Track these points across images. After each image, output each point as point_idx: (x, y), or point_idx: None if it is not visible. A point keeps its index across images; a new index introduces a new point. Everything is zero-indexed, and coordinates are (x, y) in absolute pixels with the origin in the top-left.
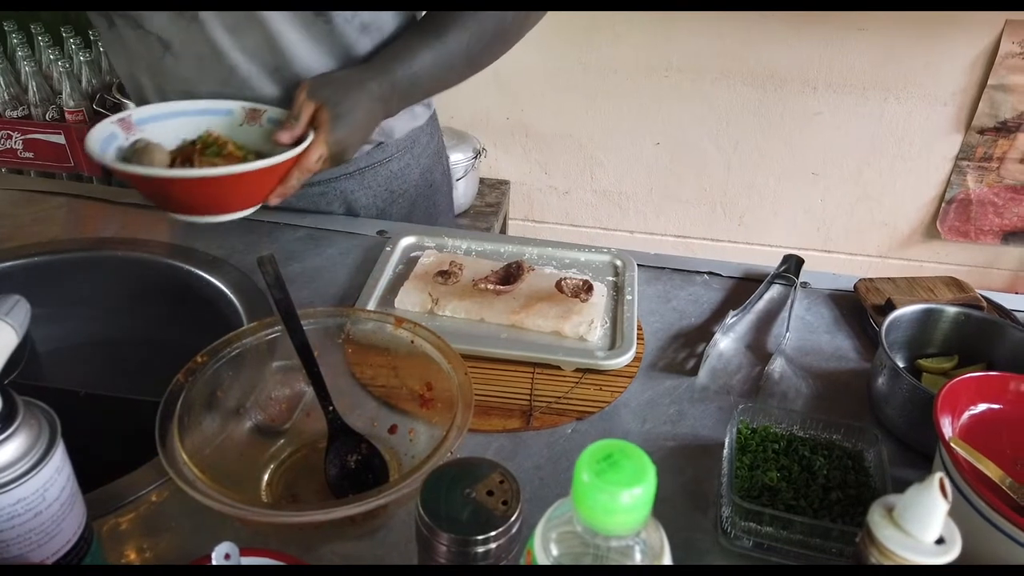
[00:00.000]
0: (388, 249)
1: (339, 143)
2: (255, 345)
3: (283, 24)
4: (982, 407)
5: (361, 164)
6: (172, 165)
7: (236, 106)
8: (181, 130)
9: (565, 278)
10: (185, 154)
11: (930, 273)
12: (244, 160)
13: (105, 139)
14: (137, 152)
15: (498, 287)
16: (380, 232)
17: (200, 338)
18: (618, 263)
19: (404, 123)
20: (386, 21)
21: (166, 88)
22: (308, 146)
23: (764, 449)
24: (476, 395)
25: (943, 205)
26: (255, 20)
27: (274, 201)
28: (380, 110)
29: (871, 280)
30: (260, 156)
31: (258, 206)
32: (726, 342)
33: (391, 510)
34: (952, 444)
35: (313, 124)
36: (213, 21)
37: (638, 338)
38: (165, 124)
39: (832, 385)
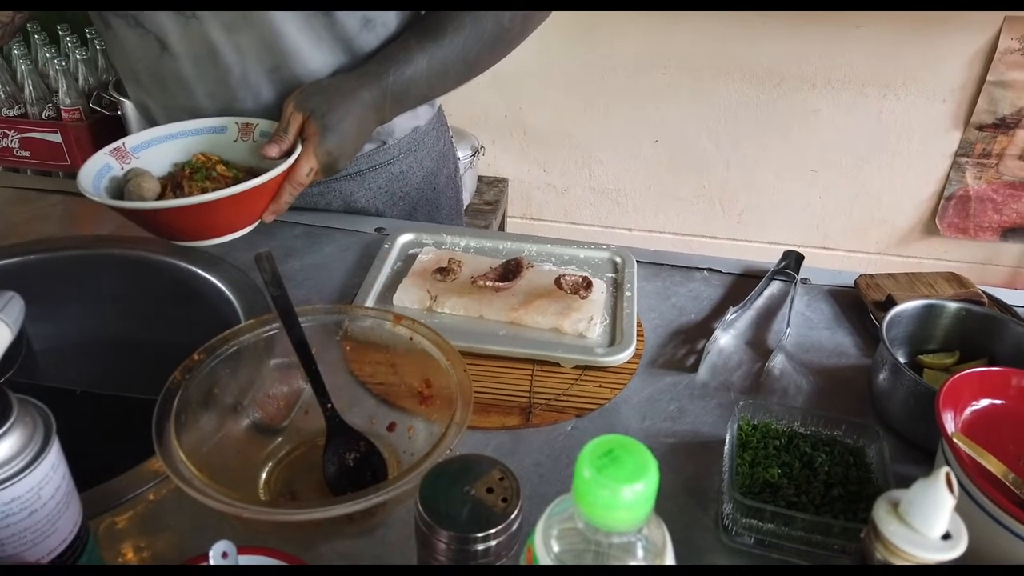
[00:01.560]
0: (387, 246)
1: (329, 154)
2: (253, 342)
3: (283, 20)
4: (984, 402)
5: (362, 165)
6: (163, 193)
7: (229, 122)
8: (177, 153)
9: (564, 275)
10: (175, 180)
11: (929, 270)
12: (235, 180)
13: (98, 173)
14: (128, 183)
15: (497, 284)
16: (378, 229)
17: (197, 336)
18: (617, 260)
19: (406, 121)
20: (390, 15)
21: (164, 88)
22: (296, 159)
23: (765, 446)
24: (475, 392)
25: (942, 202)
26: (253, 17)
27: (269, 218)
28: (372, 118)
29: (871, 276)
30: (252, 173)
31: (254, 224)
32: (726, 338)
33: (390, 508)
34: (955, 439)
35: (302, 136)
36: (211, 19)
37: (638, 335)
38: (160, 148)
39: (833, 381)
